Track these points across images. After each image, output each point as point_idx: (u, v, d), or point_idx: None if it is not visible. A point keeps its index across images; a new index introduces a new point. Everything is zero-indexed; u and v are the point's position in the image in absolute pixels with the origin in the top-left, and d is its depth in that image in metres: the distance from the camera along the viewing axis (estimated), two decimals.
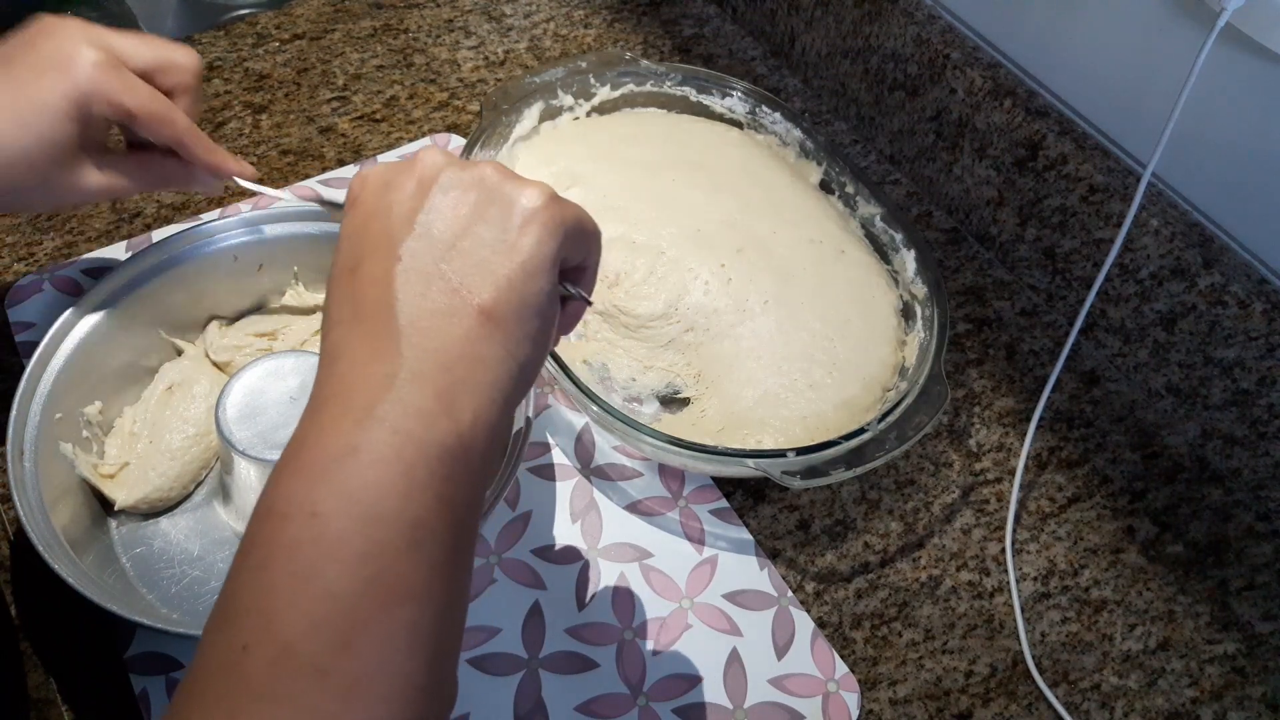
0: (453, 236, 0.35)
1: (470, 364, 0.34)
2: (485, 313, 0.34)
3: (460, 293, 0.34)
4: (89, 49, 0.45)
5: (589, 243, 0.39)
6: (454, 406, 0.33)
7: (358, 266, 0.35)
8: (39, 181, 0.47)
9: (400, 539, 0.31)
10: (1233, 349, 0.60)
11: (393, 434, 0.32)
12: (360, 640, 0.30)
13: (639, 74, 0.71)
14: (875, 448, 0.54)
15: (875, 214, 0.66)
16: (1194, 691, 0.55)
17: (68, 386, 0.52)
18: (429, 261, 0.35)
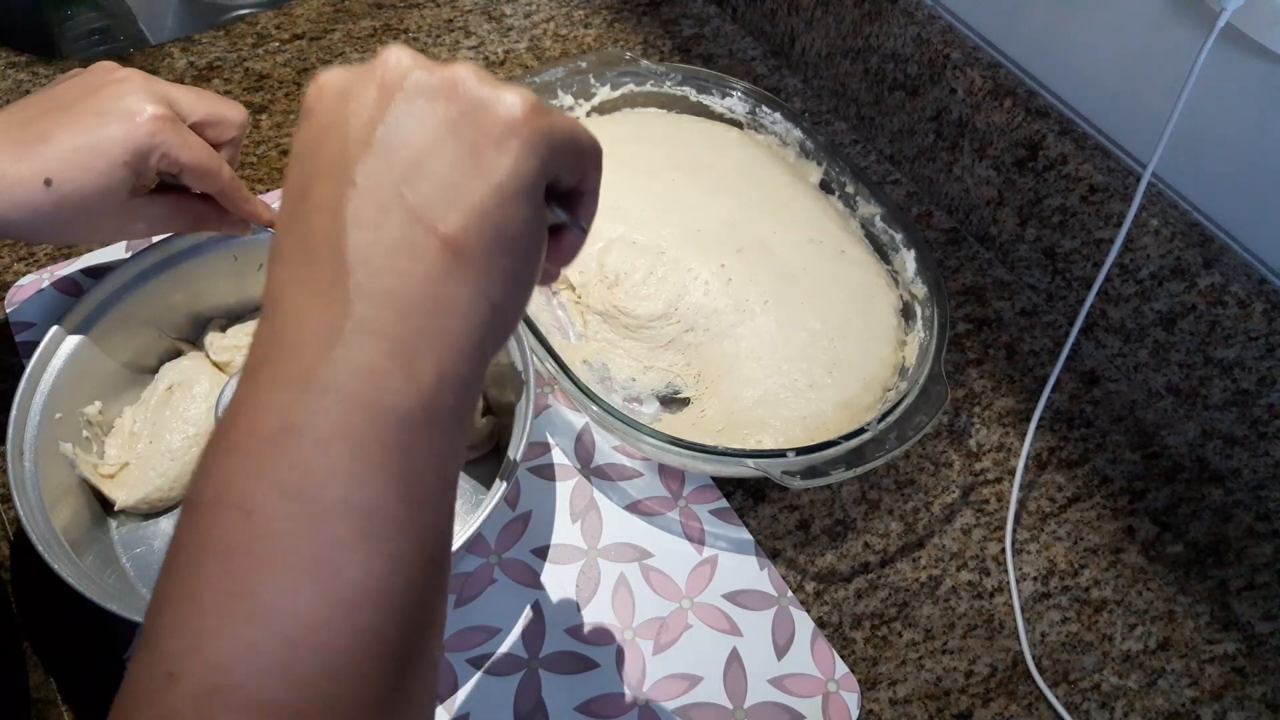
0: (416, 155, 0.29)
1: (433, 309, 0.28)
2: (452, 246, 0.28)
3: (423, 222, 0.28)
4: (152, 104, 0.48)
5: (583, 160, 0.33)
6: (413, 362, 0.28)
7: (307, 192, 0.30)
8: (89, 221, 0.49)
9: (351, 533, 0.26)
10: (1233, 349, 0.60)
11: (339, 403, 0.27)
12: (308, 663, 0.25)
13: (639, 74, 0.71)
14: (875, 448, 0.54)
15: (875, 214, 0.66)
16: (1194, 691, 0.55)
17: (68, 386, 0.52)
18: (387, 185, 0.29)
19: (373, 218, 0.28)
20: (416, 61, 0.30)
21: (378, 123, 0.29)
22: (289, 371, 0.28)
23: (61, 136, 0.47)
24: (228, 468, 0.27)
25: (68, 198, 0.47)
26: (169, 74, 0.79)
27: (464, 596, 0.54)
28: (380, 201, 0.29)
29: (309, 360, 0.28)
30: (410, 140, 0.29)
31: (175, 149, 0.48)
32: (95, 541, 0.52)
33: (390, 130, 0.29)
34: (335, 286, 0.28)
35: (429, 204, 0.29)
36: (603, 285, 0.62)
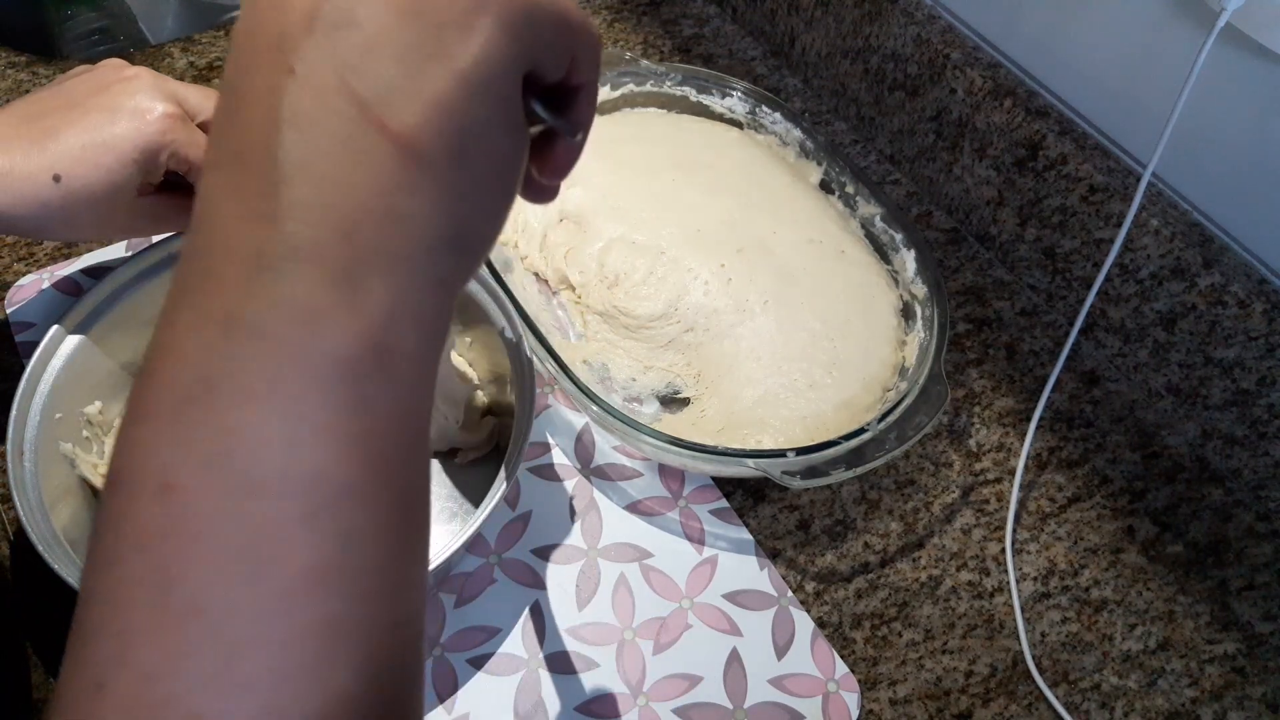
0: (367, 37, 0.23)
1: (383, 225, 0.23)
2: (406, 146, 0.23)
3: (371, 117, 0.23)
4: (162, 102, 0.48)
5: (574, 45, 0.27)
6: (359, 293, 0.23)
7: (239, 86, 0.24)
8: (96, 218, 0.49)
9: (292, 509, 0.22)
10: (1233, 349, 0.60)
11: (266, 348, 0.22)
12: (249, 665, 0.22)
13: (639, 74, 0.71)
14: (875, 448, 0.54)
15: (875, 214, 0.66)
16: (1194, 691, 0.55)
17: (68, 386, 0.52)
18: (331, 73, 0.23)
19: (312, 113, 0.23)
20: None
21: (324, 1, 0.23)
22: (207, 311, 0.23)
23: (70, 133, 0.47)
24: (143, 436, 0.23)
25: (76, 194, 0.47)
26: (169, 74, 0.79)
27: (464, 596, 0.54)
28: (321, 93, 0.23)
29: (232, 293, 0.23)
30: (359, 19, 0.23)
31: (185, 147, 0.48)
32: None
33: (337, 7, 0.23)
34: (266, 200, 0.23)
35: (379, 96, 0.23)
36: (603, 285, 0.62)
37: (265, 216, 0.23)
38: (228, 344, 0.23)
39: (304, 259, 0.23)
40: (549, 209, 0.65)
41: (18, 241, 0.67)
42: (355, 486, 0.23)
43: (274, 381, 0.22)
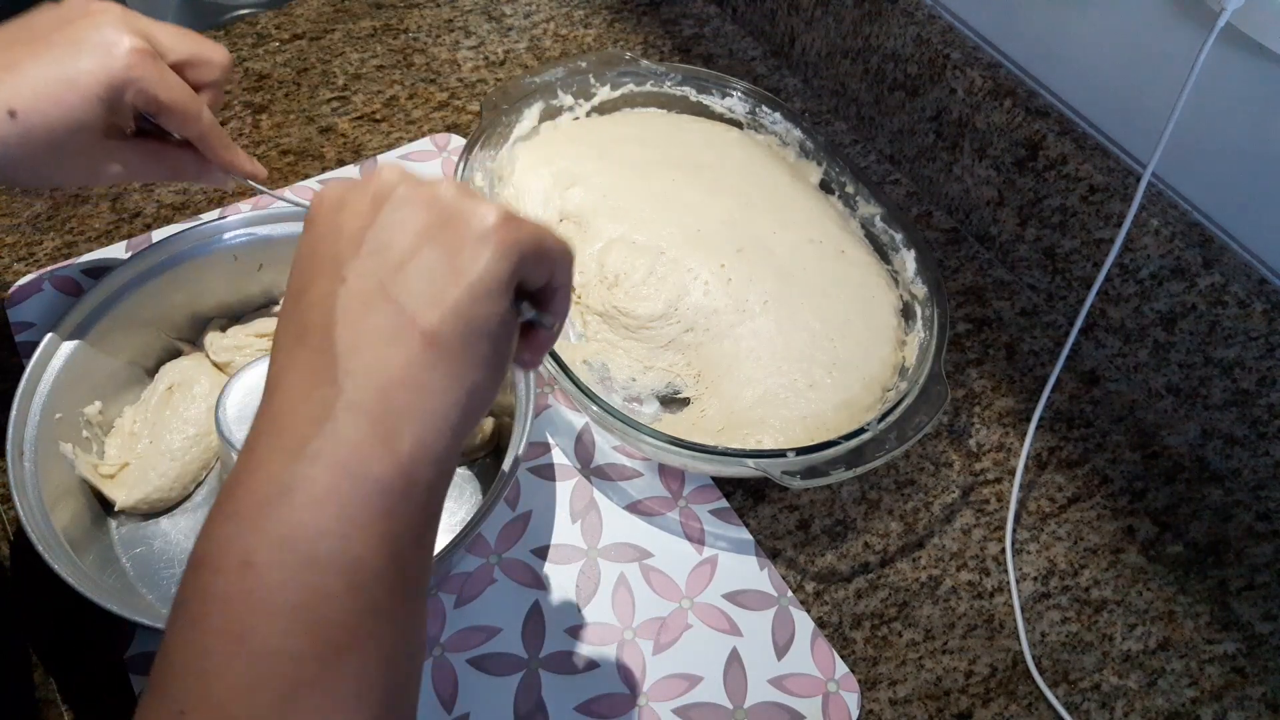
0: (401, 257, 0.32)
1: (412, 391, 0.32)
2: (429, 338, 0.32)
3: (404, 316, 0.32)
4: (130, 36, 0.45)
5: (550, 263, 0.36)
6: (393, 437, 0.31)
7: (305, 290, 0.33)
8: (58, 160, 0.46)
9: (339, 583, 0.30)
10: (1233, 349, 0.60)
11: (328, 470, 0.30)
12: (302, 699, 0.29)
13: (639, 74, 0.71)
14: (875, 448, 0.53)
15: (875, 214, 0.66)
16: (1194, 691, 0.55)
17: (68, 386, 0.52)
18: (374, 283, 0.32)
19: (360, 311, 0.32)
20: (404, 177, 0.34)
21: (367, 229, 0.33)
22: (286, 443, 0.31)
23: (31, 67, 0.44)
24: (228, 531, 0.30)
25: (34, 131, 0.44)
26: None
27: (464, 596, 0.54)
28: (367, 297, 0.32)
29: (304, 432, 0.31)
30: (395, 244, 0.33)
31: (153, 86, 0.46)
32: (95, 541, 0.52)
33: (378, 235, 0.33)
34: (327, 369, 0.32)
35: (411, 300, 0.32)
36: (603, 285, 0.62)
37: (326, 381, 0.31)
38: (298, 464, 0.30)
39: (354, 410, 0.31)
40: (549, 210, 0.66)
41: (18, 241, 0.67)
42: (382, 572, 0.31)
43: (332, 491, 0.30)
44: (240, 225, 0.58)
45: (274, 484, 0.30)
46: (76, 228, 0.68)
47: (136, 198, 0.70)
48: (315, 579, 0.29)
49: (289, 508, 0.30)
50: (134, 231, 0.68)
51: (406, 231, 0.33)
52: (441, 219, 0.33)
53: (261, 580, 0.29)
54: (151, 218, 0.69)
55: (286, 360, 0.33)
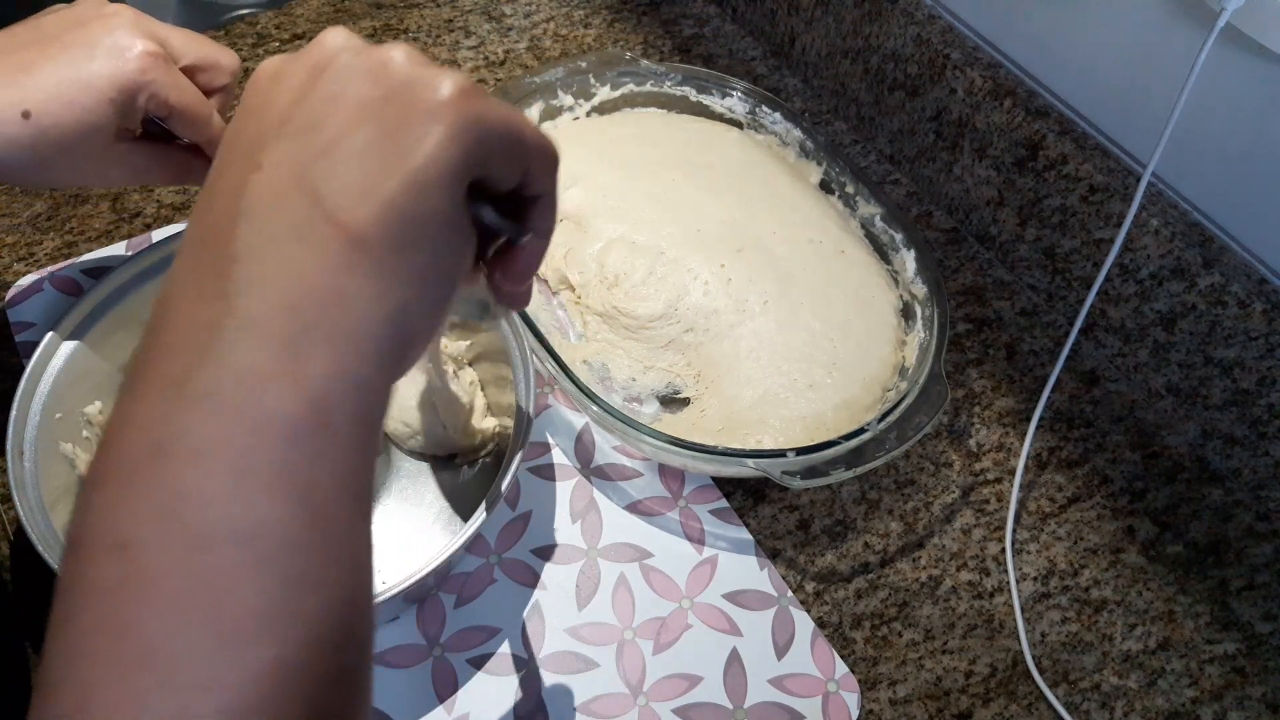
0: (331, 138, 0.26)
1: (326, 303, 0.25)
2: (353, 236, 0.26)
3: (322, 209, 0.26)
4: (142, 40, 0.45)
5: (524, 158, 0.30)
6: (301, 360, 0.25)
7: (214, 178, 0.28)
8: (68, 161, 0.46)
9: (237, 558, 0.24)
10: (1233, 349, 0.60)
11: (214, 413, 0.24)
12: (199, 709, 0.23)
13: (639, 74, 0.71)
14: (875, 448, 0.54)
15: (875, 214, 0.66)
16: (1194, 691, 0.55)
17: (68, 386, 0.52)
18: (293, 170, 0.26)
19: (269, 203, 0.26)
20: (350, 43, 0.28)
21: (296, 104, 0.27)
22: (162, 378, 0.25)
23: (44, 68, 0.44)
24: (100, 500, 0.25)
25: (46, 133, 0.44)
26: None
27: (464, 596, 0.54)
28: (280, 186, 0.26)
29: (184, 363, 0.25)
30: (326, 122, 0.27)
31: (165, 90, 0.45)
32: None
33: (306, 112, 0.27)
34: (219, 279, 0.25)
35: (333, 190, 0.26)
36: (602, 286, 0.62)
37: (218, 294, 0.25)
38: (178, 409, 0.25)
39: (251, 330, 0.25)
40: None
41: (18, 241, 0.67)
42: (296, 538, 0.25)
43: (220, 442, 0.24)
44: None
45: (147, 436, 0.25)
46: (76, 228, 0.68)
47: (136, 198, 0.70)
48: (206, 558, 0.24)
49: (168, 468, 0.24)
50: (134, 231, 0.68)
51: (341, 106, 0.27)
52: (386, 91, 0.27)
53: (140, 564, 0.23)
54: (151, 218, 0.69)
55: (178, 268, 0.27)
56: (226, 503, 0.24)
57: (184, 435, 0.24)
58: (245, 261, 0.25)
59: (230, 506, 0.24)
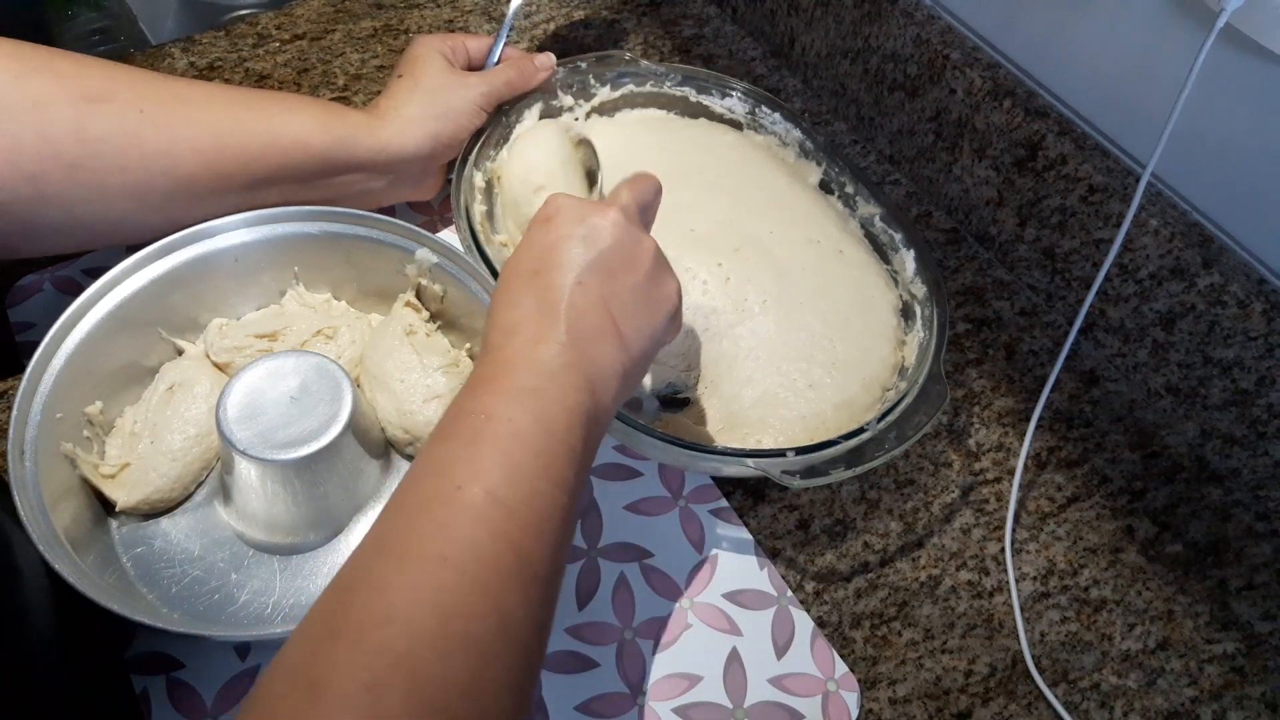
0: (620, 284, 0.45)
1: (605, 372, 0.44)
2: (624, 342, 0.44)
3: (612, 321, 0.44)
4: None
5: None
6: (591, 396, 0.42)
7: (542, 272, 0.44)
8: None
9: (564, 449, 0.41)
10: (1232, 349, 0.60)
11: (543, 398, 0.41)
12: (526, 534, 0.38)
13: (638, 74, 0.71)
14: (875, 447, 0.54)
15: (875, 214, 0.66)
16: (1193, 691, 0.55)
17: (68, 386, 0.52)
18: (599, 291, 0.44)
19: (586, 309, 0.44)
20: (632, 219, 0.47)
21: (603, 249, 0.45)
22: (504, 383, 0.41)
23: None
24: (447, 449, 0.40)
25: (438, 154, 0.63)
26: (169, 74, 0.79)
27: None
28: (592, 300, 0.44)
29: (522, 375, 0.42)
30: (619, 272, 0.45)
31: (519, 82, 0.66)
32: (96, 541, 0.52)
33: (609, 258, 0.45)
34: (556, 337, 0.43)
35: (620, 315, 0.45)
36: None
37: (553, 343, 0.42)
38: (510, 401, 0.41)
39: (568, 372, 0.42)
40: None
41: None
42: (568, 475, 0.41)
43: (540, 419, 0.41)
44: (240, 225, 0.58)
45: (488, 414, 0.40)
46: None
47: None
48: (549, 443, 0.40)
49: (495, 437, 0.40)
50: None
51: (627, 264, 0.45)
52: (651, 268, 0.46)
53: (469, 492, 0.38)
54: None
55: (523, 318, 0.43)
56: (545, 431, 0.40)
57: (511, 418, 0.40)
58: (572, 334, 0.43)
59: (543, 432, 0.40)
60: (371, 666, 0.32)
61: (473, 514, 0.37)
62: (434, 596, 0.34)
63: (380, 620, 0.33)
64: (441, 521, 0.36)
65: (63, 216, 0.53)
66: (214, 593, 0.52)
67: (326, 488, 0.52)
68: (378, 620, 0.33)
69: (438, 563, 0.35)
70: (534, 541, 0.38)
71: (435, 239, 0.58)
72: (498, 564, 0.36)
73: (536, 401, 0.40)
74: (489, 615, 0.35)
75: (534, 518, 0.38)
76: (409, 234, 0.58)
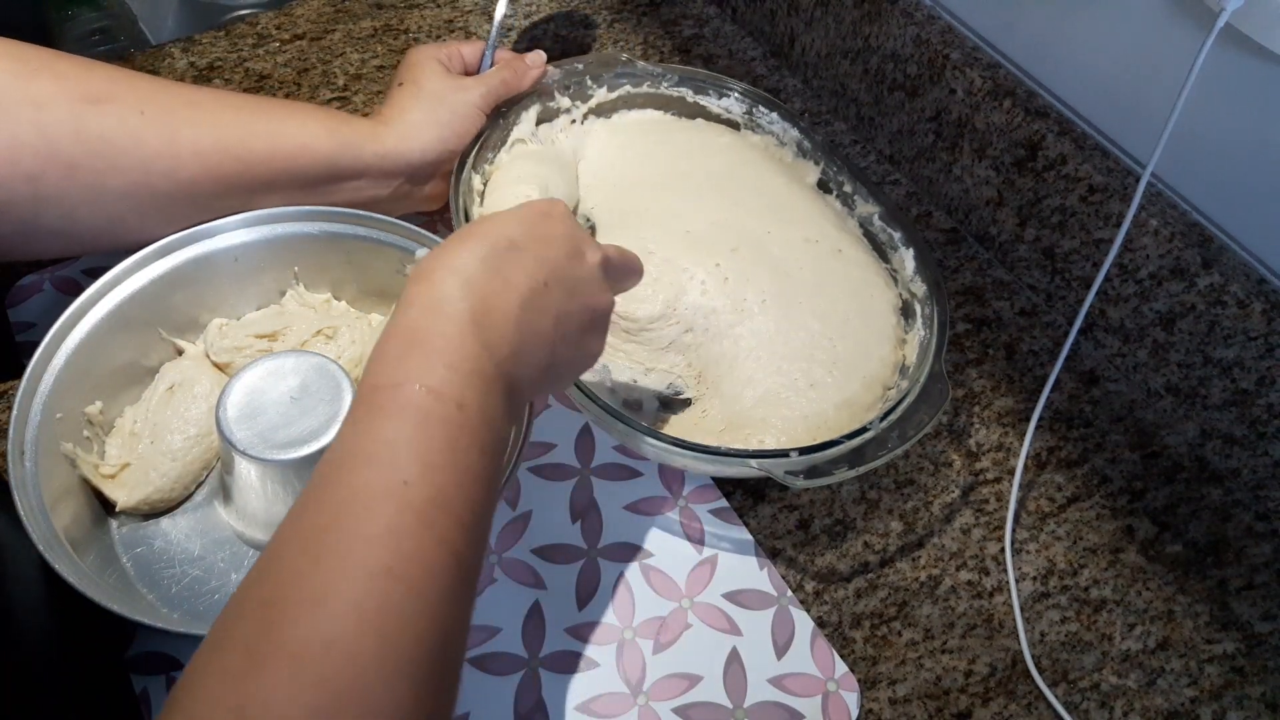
0: (573, 309, 0.43)
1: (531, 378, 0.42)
2: (553, 360, 0.43)
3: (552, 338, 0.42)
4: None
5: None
6: (506, 403, 0.40)
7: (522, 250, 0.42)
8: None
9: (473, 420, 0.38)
10: (1232, 349, 0.60)
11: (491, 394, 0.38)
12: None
13: (635, 75, 0.71)
14: (877, 447, 0.54)
15: (873, 213, 0.66)
16: (1193, 691, 0.55)
17: (68, 386, 0.52)
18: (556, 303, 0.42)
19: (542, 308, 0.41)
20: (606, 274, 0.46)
21: (580, 277, 0.44)
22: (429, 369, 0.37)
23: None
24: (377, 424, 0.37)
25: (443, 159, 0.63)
26: (169, 74, 0.79)
27: None
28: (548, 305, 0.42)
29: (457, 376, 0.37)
30: (577, 300, 0.44)
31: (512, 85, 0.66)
32: (96, 541, 0.52)
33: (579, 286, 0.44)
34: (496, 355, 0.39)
35: (558, 336, 0.43)
36: None
37: (494, 360, 0.39)
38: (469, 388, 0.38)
39: (496, 381, 0.39)
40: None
41: None
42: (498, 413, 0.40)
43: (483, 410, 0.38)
44: (240, 225, 0.58)
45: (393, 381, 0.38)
46: None
47: None
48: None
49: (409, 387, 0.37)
50: None
51: (586, 303, 0.44)
52: (597, 325, 0.46)
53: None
54: None
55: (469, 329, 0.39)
56: (461, 402, 0.37)
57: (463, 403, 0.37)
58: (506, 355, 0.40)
59: (463, 401, 0.37)
60: (314, 702, 0.28)
61: (420, 517, 0.33)
62: (379, 618, 0.30)
63: (320, 645, 0.29)
64: (387, 525, 0.32)
65: (61, 219, 0.52)
66: (214, 593, 0.52)
67: None
68: (316, 645, 0.29)
69: (384, 577, 0.31)
70: (473, 549, 0.35)
71: (435, 239, 0.58)
72: (442, 576, 0.33)
73: (483, 387, 0.37)
74: (433, 634, 0.32)
75: (473, 520, 0.35)
76: (409, 234, 0.58)
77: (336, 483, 0.33)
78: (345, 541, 0.32)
